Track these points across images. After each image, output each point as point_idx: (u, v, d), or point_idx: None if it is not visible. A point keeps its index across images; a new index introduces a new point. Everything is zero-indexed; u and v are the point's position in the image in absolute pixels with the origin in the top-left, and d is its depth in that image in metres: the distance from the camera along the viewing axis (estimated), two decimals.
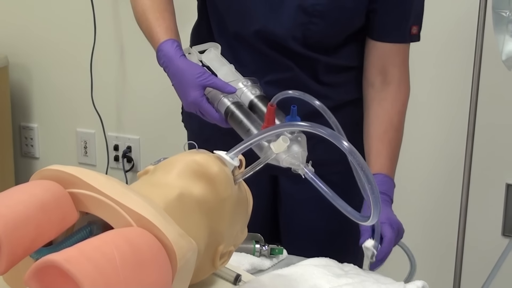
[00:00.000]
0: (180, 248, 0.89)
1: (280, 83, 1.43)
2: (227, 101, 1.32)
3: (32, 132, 3.01)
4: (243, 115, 1.30)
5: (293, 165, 1.08)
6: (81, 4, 2.72)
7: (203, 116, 1.35)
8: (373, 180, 0.95)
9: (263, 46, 1.46)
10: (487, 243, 2.36)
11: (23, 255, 0.86)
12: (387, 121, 1.49)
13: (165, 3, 1.46)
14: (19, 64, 2.94)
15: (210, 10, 1.52)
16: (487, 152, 2.28)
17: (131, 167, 2.86)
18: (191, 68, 1.35)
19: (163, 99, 2.67)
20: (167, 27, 1.41)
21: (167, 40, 1.38)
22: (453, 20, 2.24)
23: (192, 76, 1.33)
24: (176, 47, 1.38)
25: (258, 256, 1.33)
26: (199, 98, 1.33)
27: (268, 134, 1.05)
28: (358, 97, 1.55)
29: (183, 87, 1.35)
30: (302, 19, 1.42)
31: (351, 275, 1.24)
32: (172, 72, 1.36)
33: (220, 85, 1.33)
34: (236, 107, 1.31)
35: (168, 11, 1.46)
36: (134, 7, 1.49)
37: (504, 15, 1.77)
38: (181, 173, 1.03)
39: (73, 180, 0.92)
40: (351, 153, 0.95)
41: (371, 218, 0.97)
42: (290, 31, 1.43)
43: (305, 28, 1.43)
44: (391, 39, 1.49)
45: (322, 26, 1.43)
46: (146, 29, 1.45)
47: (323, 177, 0.98)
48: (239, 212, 1.11)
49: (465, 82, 2.14)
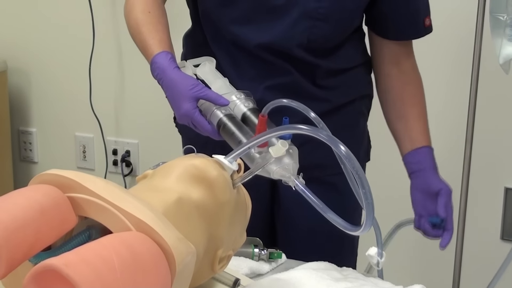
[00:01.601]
0: (179, 253, 0.89)
1: (280, 89, 1.44)
2: (220, 113, 1.31)
3: (30, 137, 3.01)
4: (235, 127, 1.30)
5: (284, 177, 1.08)
6: (80, 9, 2.73)
7: (196, 128, 1.35)
8: (367, 185, 0.95)
9: (264, 54, 1.45)
10: (486, 247, 2.36)
11: (22, 260, 0.86)
12: (418, 102, 1.58)
13: (158, 15, 1.45)
14: (18, 68, 2.95)
15: (204, 19, 1.51)
16: (486, 156, 2.28)
17: (129, 171, 2.86)
18: (185, 80, 1.34)
19: (161, 103, 2.65)
20: (160, 40, 1.40)
21: (160, 52, 1.37)
22: (451, 24, 2.24)
23: (185, 88, 1.32)
24: (169, 59, 1.37)
25: (257, 260, 1.33)
26: (191, 110, 1.32)
27: (266, 138, 1.05)
28: (356, 98, 1.56)
29: (176, 99, 1.34)
30: (307, 24, 1.42)
31: (350, 279, 1.24)
32: (166, 84, 1.35)
33: (213, 97, 1.32)
34: (228, 119, 1.31)
35: (161, 24, 1.45)
36: (127, 21, 1.48)
37: (501, 19, 1.77)
38: (180, 177, 1.03)
39: (72, 185, 0.92)
40: (348, 157, 0.95)
41: (363, 227, 0.97)
42: (296, 38, 1.43)
43: (310, 32, 1.43)
44: (408, 37, 1.55)
45: (325, 29, 1.43)
46: (140, 42, 1.43)
47: (325, 179, 0.99)
48: (238, 216, 1.11)
49: (464, 86, 2.14)
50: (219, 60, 1.46)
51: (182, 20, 1.63)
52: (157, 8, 1.46)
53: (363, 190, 0.95)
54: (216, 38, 1.49)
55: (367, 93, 1.61)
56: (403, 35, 1.54)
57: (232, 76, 1.44)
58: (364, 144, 1.64)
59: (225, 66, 1.47)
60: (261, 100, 1.42)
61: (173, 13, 1.56)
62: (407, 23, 1.52)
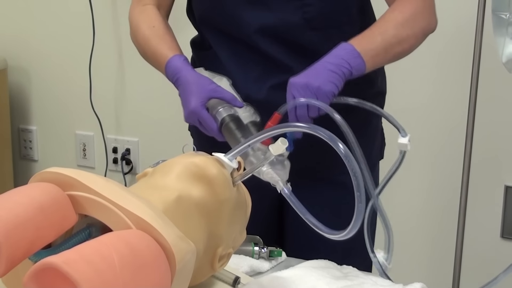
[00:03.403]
0: (179, 251, 0.89)
1: (285, 88, 1.43)
2: (224, 112, 1.34)
3: (31, 135, 3.01)
4: (236, 126, 1.32)
5: (272, 180, 1.10)
6: (80, 7, 2.73)
7: (201, 126, 1.36)
8: (362, 189, 0.96)
9: (266, 44, 1.44)
10: (486, 245, 2.36)
11: (22, 258, 0.86)
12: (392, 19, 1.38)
13: (163, 28, 1.50)
14: (18, 66, 2.95)
15: (202, 24, 1.52)
16: (486, 154, 2.28)
17: (130, 169, 2.86)
18: (201, 79, 1.37)
19: (162, 101, 2.67)
20: (169, 47, 1.45)
21: (173, 56, 1.41)
22: (451, 23, 2.24)
23: (200, 85, 1.35)
24: (183, 60, 1.41)
25: (257, 258, 1.33)
26: (199, 107, 1.34)
27: (267, 135, 1.05)
28: (368, 96, 1.55)
29: (187, 96, 1.36)
30: (296, 3, 1.41)
31: (350, 277, 1.24)
32: (182, 82, 1.38)
33: (229, 98, 1.35)
34: (231, 119, 1.33)
35: (168, 34, 1.49)
36: (135, 41, 1.53)
37: (504, 18, 1.77)
38: (180, 175, 1.03)
39: (72, 183, 0.92)
40: (346, 157, 0.96)
41: (346, 231, 0.98)
42: (287, 18, 1.41)
43: (302, 11, 1.41)
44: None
45: (318, 6, 1.41)
46: (151, 56, 1.48)
47: (334, 179, 0.99)
48: (237, 214, 1.11)
49: (464, 84, 2.14)
50: (223, 62, 1.47)
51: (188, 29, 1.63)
52: (160, 22, 1.51)
53: (357, 193, 0.95)
54: (217, 40, 1.49)
55: (380, 90, 1.59)
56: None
57: (237, 76, 1.44)
58: (377, 142, 1.62)
59: (229, 66, 1.46)
60: (266, 100, 1.42)
61: (179, 18, 1.56)
62: None
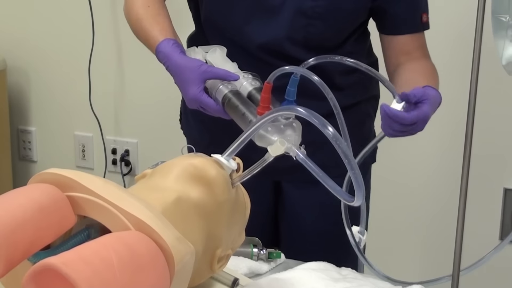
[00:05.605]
0: (178, 252, 0.89)
1: (284, 90, 1.44)
2: (225, 89, 1.33)
3: (30, 136, 3.00)
4: (239, 101, 1.31)
5: (285, 149, 1.07)
6: (80, 8, 2.73)
7: (205, 111, 1.36)
8: (356, 168, 0.96)
9: (267, 56, 1.46)
10: (485, 247, 2.36)
11: (21, 259, 0.86)
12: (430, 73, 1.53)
13: (157, 8, 1.48)
14: (17, 67, 2.94)
15: (206, 24, 1.52)
16: (485, 156, 2.28)
17: (129, 170, 2.85)
18: (189, 62, 1.36)
19: (161, 102, 2.67)
20: (161, 29, 1.43)
21: (162, 40, 1.40)
22: (450, 23, 2.24)
23: (191, 71, 1.34)
24: (172, 45, 1.39)
25: (256, 260, 1.33)
26: (198, 94, 1.33)
27: (262, 122, 1.05)
28: (362, 99, 1.55)
29: (183, 84, 1.36)
30: (302, 22, 1.43)
31: (348, 279, 1.24)
32: (172, 70, 1.37)
33: (222, 74, 1.34)
34: (233, 94, 1.32)
35: (161, 15, 1.47)
36: (128, 19, 1.52)
37: (503, 20, 1.77)
38: (178, 176, 1.03)
39: (71, 184, 0.92)
40: (334, 139, 0.96)
41: (355, 200, 0.99)
42: (291, 35, 1.44)
43: (305, 31, 1.44)
44: (404, 31, 1.52)
45: (321, 28, 1.44)
46: (143, 37, 1.47)
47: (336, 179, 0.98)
48: (236, 216, 1.11)
49: (464, 86, 2.14)
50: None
51: (185, 20, 1.63)
52: (156, 2, 1.49)
53: (352, 171, 0.96)
54: (219, 43, 1.49)
55: (373, 94, 1.60)
56: (399, 29, 1.52)
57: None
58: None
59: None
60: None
61: (176, 11, 1.55)
62: (405, 17, 1.51)
